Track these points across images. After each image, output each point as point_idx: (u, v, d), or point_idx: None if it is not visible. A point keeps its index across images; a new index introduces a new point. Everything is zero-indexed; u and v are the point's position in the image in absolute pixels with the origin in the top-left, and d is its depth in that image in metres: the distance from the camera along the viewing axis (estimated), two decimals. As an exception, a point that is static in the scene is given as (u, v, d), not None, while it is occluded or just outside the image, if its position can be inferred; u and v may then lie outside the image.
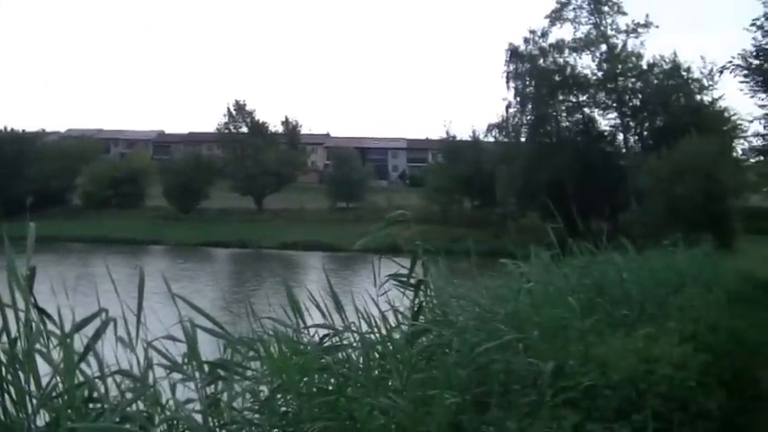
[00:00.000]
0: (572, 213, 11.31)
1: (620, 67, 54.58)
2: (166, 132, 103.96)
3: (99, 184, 74.21)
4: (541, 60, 55.70)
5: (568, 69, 55.70)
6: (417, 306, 4.76)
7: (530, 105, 55.92)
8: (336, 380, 4.02)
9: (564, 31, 61.25)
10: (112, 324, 3.46)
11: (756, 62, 23.86)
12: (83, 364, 3.29)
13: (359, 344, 4.34)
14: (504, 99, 57.43)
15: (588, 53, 55.65)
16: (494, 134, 60.29)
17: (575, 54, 55.82)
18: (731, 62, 24.37)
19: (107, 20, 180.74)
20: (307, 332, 4.58)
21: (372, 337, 4.56)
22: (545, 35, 55.77)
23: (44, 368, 3.22)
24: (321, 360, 4.06)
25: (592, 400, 4.19)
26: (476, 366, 4.29)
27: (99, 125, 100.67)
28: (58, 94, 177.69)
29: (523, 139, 57.21)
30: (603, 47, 55.06)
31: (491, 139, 61.24)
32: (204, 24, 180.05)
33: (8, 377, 3.16)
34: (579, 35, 55.42)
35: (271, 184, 73.63)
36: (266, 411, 3.71)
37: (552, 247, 7.10)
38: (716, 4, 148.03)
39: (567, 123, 57.62)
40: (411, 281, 4.83)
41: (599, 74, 55.44)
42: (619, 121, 56.04)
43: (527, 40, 56.04)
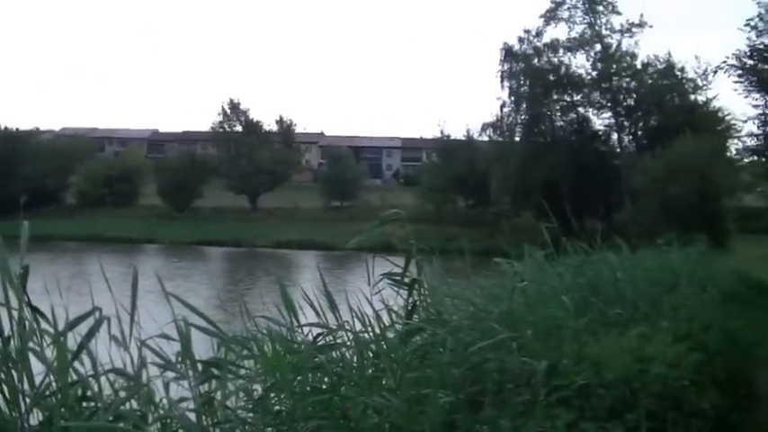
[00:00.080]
0: (566, 213, 11.29)
1: (614, 66, 54.72)
2: (161, 131, 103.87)
3: (93, 183, 74.14)
4: (536, 60, 55.81)
5: (563, 69, 55.84)
6: (411, 305, 4.75)
7: (524, 105, 56.07)
8: (330, 379, 4.01)
9: (558, 31, 61.70)
10: (106, 323, 3.44)
11: (750, 62, 23.97)
12: (76, 363, 3.27)
13: (353, 343, 4.33)
14: (499, 98, 57.48)
15: (583, 53, 55.80)
16: (488, 133, 60.47)
17: (569, 53, 56.00)
18: (725, 62, 24.51)
19: (101, 19, 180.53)
20: (300, 331, 4.56)
21: (366, 336, 4.54)
22: (539, 35, 55.92)
23: (37, 367, 3.20)
24: (315, 359, 4.06)
25: (585, 399, 4.21)
26: (469, 365, 4.28)
27: (93, 124, 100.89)
28: (53, 92, 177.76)
29: (518, 139, 57.36)
30: (598, 46, 55.12)
31: (485, 139, 61.36)
32: (199, 24, 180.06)
33: (1, 376, 3.14)
34: (574, 35, 55.53)
35: (265, 182, 73.61)
36: (260, 410, 3.71)
37: (546, 247, 7.10)
38: (710, 4, 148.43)
39: (562, 123, 57.75)
40: (405, 280, 4.82)
41: (593, 73, 55.60)
42: (613, 121, 56.12)
43: (521, 40, 56.22)
